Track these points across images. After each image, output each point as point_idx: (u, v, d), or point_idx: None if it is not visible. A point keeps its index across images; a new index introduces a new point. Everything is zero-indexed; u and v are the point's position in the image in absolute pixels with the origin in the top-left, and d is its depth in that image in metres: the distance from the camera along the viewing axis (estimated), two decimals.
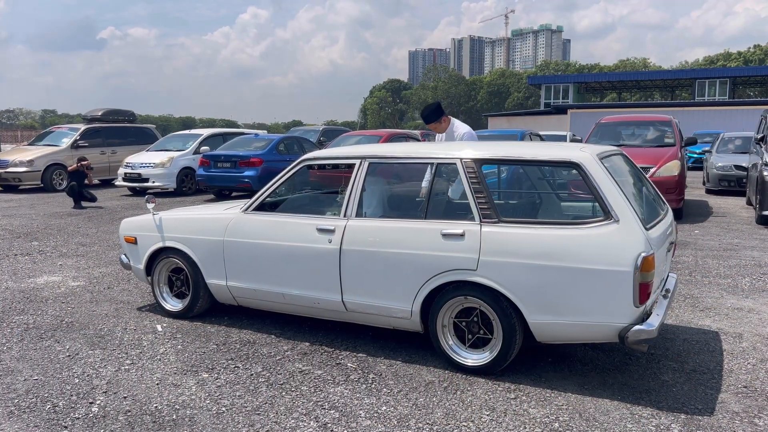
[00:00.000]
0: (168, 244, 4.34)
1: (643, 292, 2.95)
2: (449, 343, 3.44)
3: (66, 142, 14.80)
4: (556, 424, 2.81)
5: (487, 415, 2.91)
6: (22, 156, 14.16)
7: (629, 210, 3.04)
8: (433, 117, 5.49)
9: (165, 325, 4.29)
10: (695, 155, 19.09)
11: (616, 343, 3.40)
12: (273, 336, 4.04)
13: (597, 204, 3.18)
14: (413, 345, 3.80)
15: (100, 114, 16.14)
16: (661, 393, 3.14)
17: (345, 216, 3.69)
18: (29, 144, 16.17)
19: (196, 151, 13.48)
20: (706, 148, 16.10)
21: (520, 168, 4.44)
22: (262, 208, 4.07)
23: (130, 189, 13.51)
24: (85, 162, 11.16)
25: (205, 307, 4.41)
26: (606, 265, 2.97)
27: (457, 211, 3.69)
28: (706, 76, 41.23)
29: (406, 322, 3.56)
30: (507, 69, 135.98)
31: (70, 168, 11.66)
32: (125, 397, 3.15)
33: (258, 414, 2.95)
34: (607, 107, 35.07)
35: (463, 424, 2.82)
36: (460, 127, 5.59)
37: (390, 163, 3.79)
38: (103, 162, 15.00)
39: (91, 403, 3.08)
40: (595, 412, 2.92)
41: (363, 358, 3.65)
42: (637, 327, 2.97)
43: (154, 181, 13.00)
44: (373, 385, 3.26)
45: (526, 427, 2.79)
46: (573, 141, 18.22)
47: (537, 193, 4.38)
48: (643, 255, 2.92)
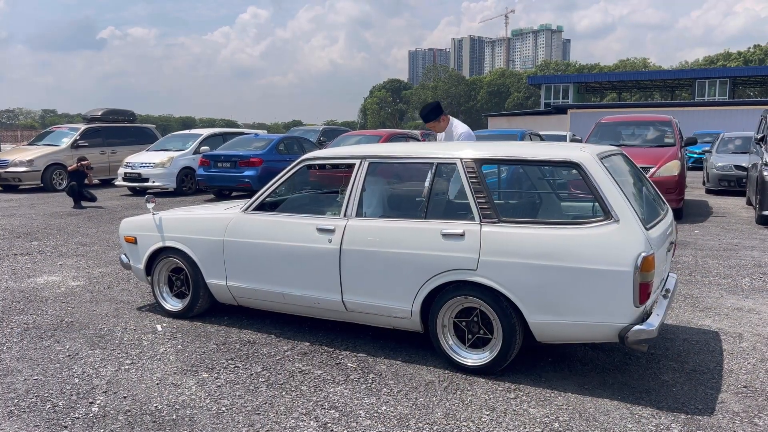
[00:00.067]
0: (168, 243, 4.34)
1: (643, 292, 2.95)
2: (449, 343, 3.44)
3: (66, 141, 14.81)
4: (556, 424, 2.81)
5: (487, 415, 2.91)
6: (22, 156, 14.17)
7: (629, 210, 3.04)
8: (432, 116, 5.52)
9: (165, 324, 4.29)
10: (695, 155, 19.09)
11: (616, 343, 3.40)
12: (273, 336, 4.04)
13: (597, 204, 3.18)
14: (413, 345, 3.80)
15: (100, 114, 16.15)
16: (661, 393, 3.14)
17: (345, 216, 3.69)
18: (29, 144, 16.18)
19: (196, 151, 13.49)
20: (706, 148, 16.11)
21: (520, 168, 4.44)
22: (262, 207, 4.07)
23: (130, 189, 13.52)
24: (85, 162, 11.17)
25: (205, 307, 4.41)
26: (606, 265, 2.97)
27: (457, 211, 3.69)
28: (706, 76, 41.24)
29: (406, 322, 3.56)
30: (507, 69, 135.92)
31: (70, 168, 11.66)
32: (125, 396, 3.15)
33: (258, 414, 2.95)
34: (607, 107, 35.08)
35: (463, 424, 2.82)
36: (458, 126, 5.62)
37: (390, 163, 3.79)
38: (103, 162, 15.01)
39: (91, 402, 3.08)
40: (595, 412, 2.92)
41: (363, 358, 3.65)
42: (637, 327, 2.97)
43: (154, 181, 13.00)
44: (373, 385, 3.26)
45: (526, 427, 2.79)
46: (573, 141, 18.22)
47: (537, 193, 4.38)
48: (643, 255, 2.92)
